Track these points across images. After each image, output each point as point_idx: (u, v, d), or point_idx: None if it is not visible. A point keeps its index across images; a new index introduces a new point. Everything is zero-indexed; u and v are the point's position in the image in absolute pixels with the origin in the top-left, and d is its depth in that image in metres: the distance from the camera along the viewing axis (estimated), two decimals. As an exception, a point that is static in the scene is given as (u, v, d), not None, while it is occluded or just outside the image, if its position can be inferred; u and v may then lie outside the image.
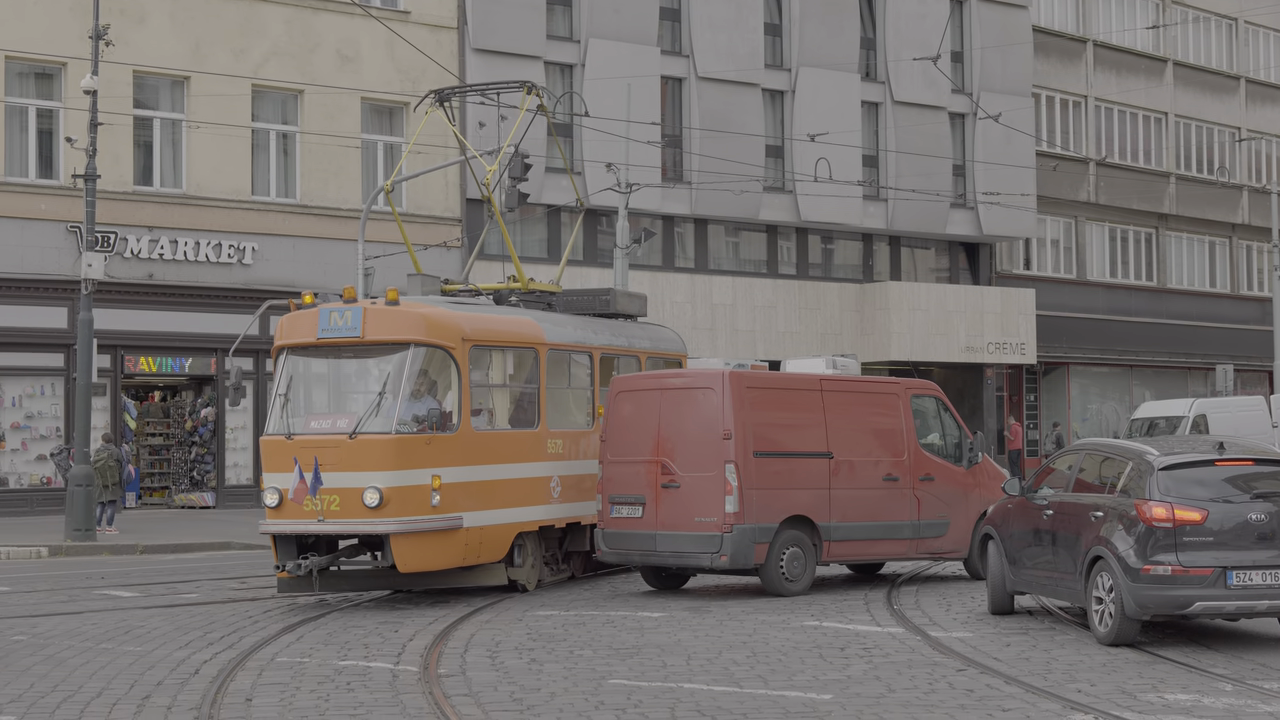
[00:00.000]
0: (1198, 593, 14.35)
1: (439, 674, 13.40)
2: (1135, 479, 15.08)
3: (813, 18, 43.79)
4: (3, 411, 32.47)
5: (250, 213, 35.03)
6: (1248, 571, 14.35)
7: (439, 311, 18.63)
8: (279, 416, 18.31)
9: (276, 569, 18.24)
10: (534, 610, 17.84)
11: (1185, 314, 54.94)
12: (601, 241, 40.49)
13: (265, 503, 18.17)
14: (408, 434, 17.73)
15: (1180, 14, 55.26)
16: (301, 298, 18.84)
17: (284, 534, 18.00)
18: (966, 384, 48.06)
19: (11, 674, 13.51)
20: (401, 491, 17.54)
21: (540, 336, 19.87)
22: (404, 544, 17.59)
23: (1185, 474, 14.90)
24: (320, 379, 18.92)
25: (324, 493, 17.48)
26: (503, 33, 38.15)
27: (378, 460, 17.55)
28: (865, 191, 44.63)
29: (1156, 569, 14.40)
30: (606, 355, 21.34)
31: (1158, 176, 54.12)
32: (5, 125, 32.49)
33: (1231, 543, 14.52)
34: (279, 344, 18.66)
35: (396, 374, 17.99)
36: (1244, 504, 14.72)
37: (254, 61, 35.21)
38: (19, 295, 32.17)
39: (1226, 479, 14.99)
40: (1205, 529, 14.48)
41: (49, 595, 19.77)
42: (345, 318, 18.11)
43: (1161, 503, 14.56)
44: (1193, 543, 14.43)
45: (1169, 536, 14.44)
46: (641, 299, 23.68)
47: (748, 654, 14.39)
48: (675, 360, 22.95)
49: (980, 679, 13.05)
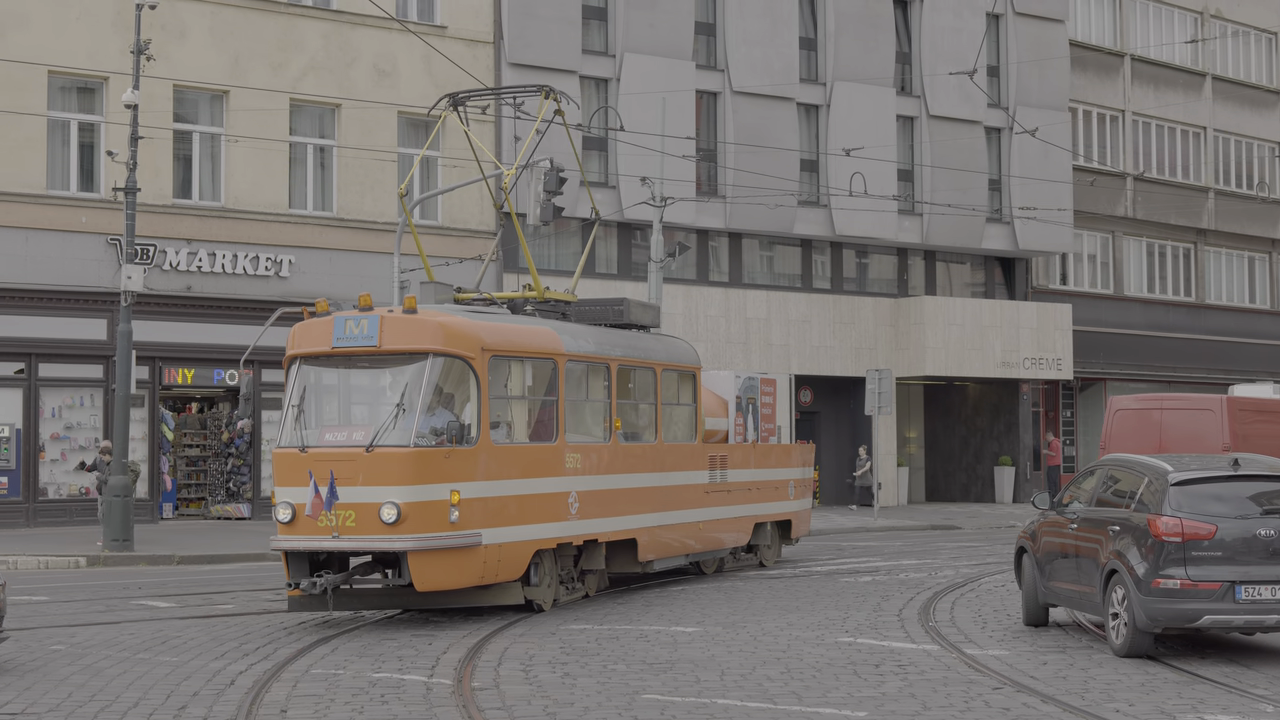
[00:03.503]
0: (1206, 606, 14.61)
1: (473, 687, 13.39)
2: (1151, 494, 15.37)
3: (848, 32, 43.74)
4: (43, 422, 32.63)
5: (288, 226, 35.15)
6: (1256, 586, 14.61)
7: (458, 320, 17.87)
8: (292, 428, 17.63)
9: (288, 587, 17.60)
10: (567, 624, 17.81)
11: (1224, 330, 54.60)
12: (636, 255, 40.50)
13: (277, 518, 17.45)
14: (426, 447, 17.01)
15: (1219, 28, 54.98)
16: (315, 305, 18.20)
17: (297, 550, 17.36)
18: (1002, 400, 47.90)
19: (50, 683, 13.57)
20: (420, 507, 16.89)
21: (559, 347, 19.21)
22: (422, 562, 16.95)
23: (1198, 489, 15.17)
24: (335, 390, 18.22)
25: (339, 508, 16.82)
26: (538, 47, 38.22)
27: (396, 475, 16.88)
28: (900, 206, 44.53)
29: (1166, 582, 14.70)
30: (624, 367, 20.79)
31: (1196, 191, 53.84)
32: (47, 139, 32.67)
33: (1240, 558, 14.76)
34: (291, 353, 17.99)
35: (414, 385, 17.30)
36: (1254, 520, 14.94)
37: (292, 76, 35.36)
38: (60, 307, 32.35)
39: (1239, 495, 15.23)
40: (1214, 544, 14.75)
41: (87, 605, 19.84)
42: (361, 326, 17.44)
43: (1172, 517, 14.83)
44: (1202, 557, 14.72)
45: (1179, 551, 14.73)
46: (655, 309, 23.19)
47: (782, 670, 14.34)
48: (689, 373, 22.64)
49: (1017, 697, 12.97)
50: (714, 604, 19.92)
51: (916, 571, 24.54)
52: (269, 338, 25.03)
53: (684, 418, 22.61)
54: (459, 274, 31.62)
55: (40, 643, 16.04)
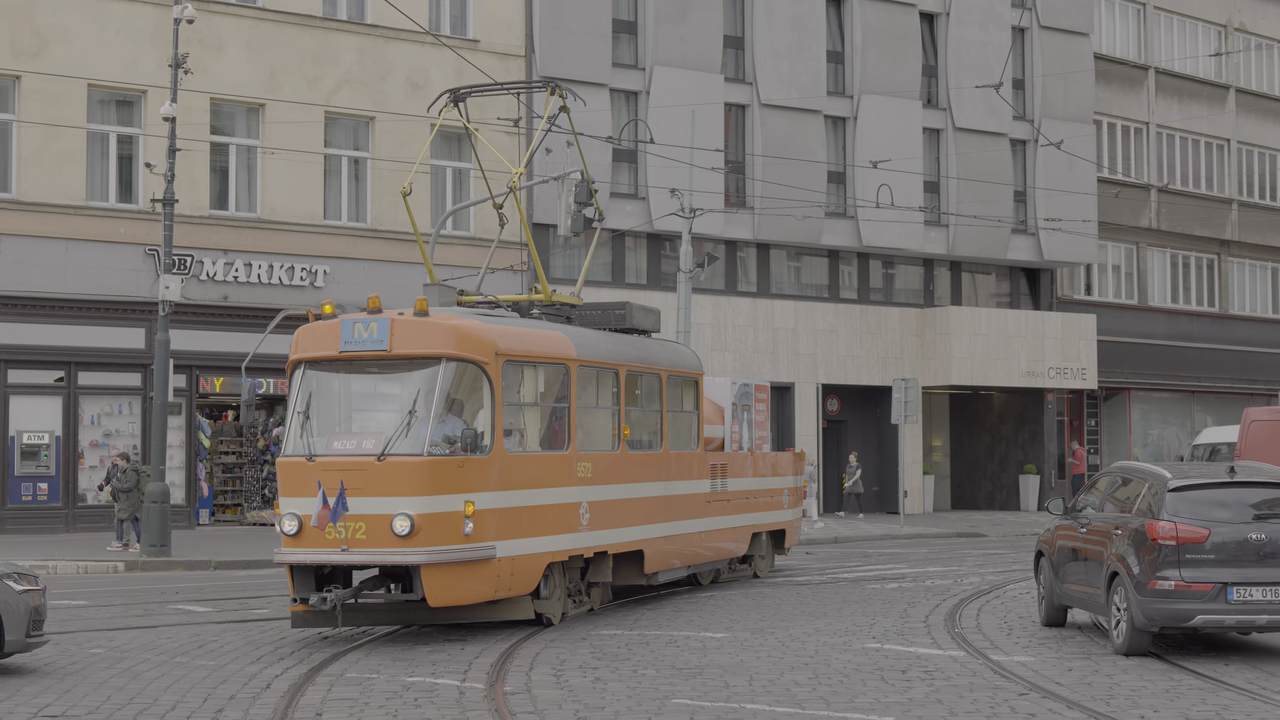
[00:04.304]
0: (1199, 606, 15.09)
1: (505, 691, 13.40)
2: (1151, 499, 15.85)
3: (875, 46, 43.72)
4: (82, 429, 32.79)
5: (322, 236, 35.27)
6: (1248, 588, 15.06)
7: (471, 324, 16.81)
8: (298, 436, 16.47)
9: (294, 601, 16.48)
10: (598, 629, 17.81)
11: (1248, 340, 54.34)
12: (665, 266, 40.52)
13: (282, 529, 16.20)
14: (440, 456, 15.98)
15: (1243, 41, 54.79)
16: (320, 308, 17.19)
17: (304, 564, 16.22)
18: (1027, 408, 47.77)
19: (89, 686, 13.63)
20: (433, 519, 15.83)
21: (571, 352, 18.21)
22: (435, 576, 15.88)
23: (1195, 495, 15.62)
24: (343, 396, 17.03)
25: (349, 519, 15.74)
26: (569, 60, 38.28)
27: (408, 485, 15.81)
28: (926, 217, 44.46)
29: (1161, 584, 15.16)
30: (632, 373, 19.85)
31: (1220, 203, 53.63)
32: (87, 151, 32.87)
33: (1233, 560, 15.22)
34: (296, 358, 16.85)
35: (427, 391, 16.23)
36: (1246, 524, 15.38)
37: (327, 89, 35.49)
38: (99, 316, 32.52)
39: (1234, 501, 15.65)
40: (1208, 547, 15.22)
41: (125, 609, 19.92)
42: (370, 329, 16.36)
43: (1168, 522, 15.29)
44: (1196, 560, 15.18)
45: (1174, 553, 15.19)
46: (655, 314, 22.20)
47: (810, 675, 14.32)
48: (692, 379, 21.91)
49: (1042, 703, 12.93)
50: (742, 610, 19.90)
51: (942, 579, 24.48)
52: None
53: (687, 425, 21.84)
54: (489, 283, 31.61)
55: (80, 646, 16.12)
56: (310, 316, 17.12)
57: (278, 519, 16.41)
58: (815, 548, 32.62)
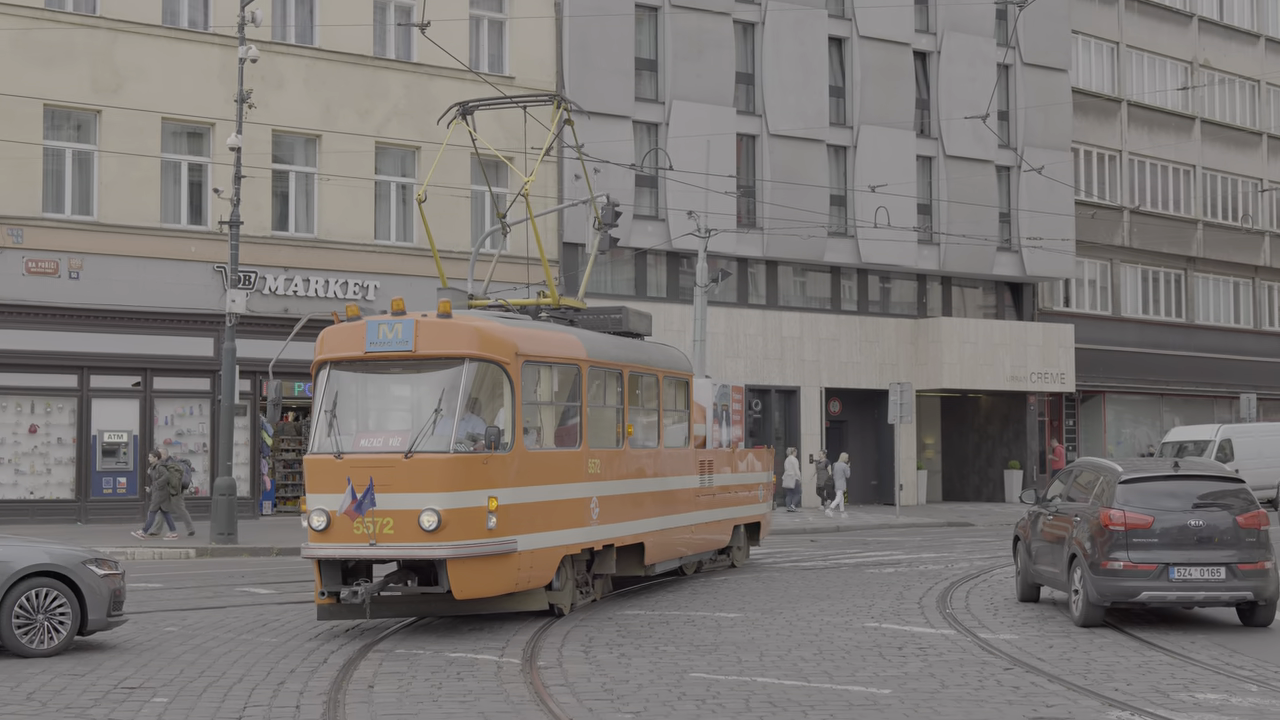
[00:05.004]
0: (1144, 584, 15.69)
1: (538, 666, 13.41)
2: (1105, 490, 16.40)
3: (872, 81, 43.67)
4: (157, 429, 32.86)
5: (373, 254, 35.33)
6: (1187, 568, 15.66)
7: (493, 325, 16.05)
8: (324, 434, 15.53)
9: (321, 595, 15.70)
10: (623, 610, 17.80)
11: (1212, 347, 54.13)
12: (683, 281, 40.50)
13: (311, 525, 15.36)
14: (465, 453, 15.12)
15: (1207, 76, 54.60)
16: (346, 310, 16.36)
17: (332, 558, 15.39)
18: (1011, 410, 47.63)
19: (164, 660, 13.68)
20: (459, 514, 14.98)
21: (582, 353, 17.50)
22: (461, 569, 15.06)
23: (1143, 486, 16.17)
24: (368, 395, 16.17)
25: (376, 515, 14.85)
26: (595, 95, 38.26)
27: (435, 481, 14.95)
28: (919, 236, 44.38)
29: (1112, 564, 15.77)
30: (634, 373, 19.10)
31: (1186, 223, 53.44)
32: (161, 178, 32.96)
33: (1174, 544, 15.78)
34: (321, 358, 16.04)
35: (452, 390, 15.40)
36: (1187, 512, 15.92)
37: (377, 121, 35.56)
38: (172, 327, 32.62)
39: (1176, 492, 16.18)
40: (1152, 532, 15.78)
41: (196, 591, 19.99)
42: (395, 331, 15.51)
43: (1117, 510, 15.89)
44: (1142, 543, 15.76)
45: (1123, 538, 15.78)
46: (648, 318, 21.46)
47: (815, 652, 14.31)
48: (684, 380, 21.22)
49: (1026, 677, 12.91)
50: (753, 593, 19.90)
51: (934, 564, 24.44)
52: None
53: (679, 424, 21.18)
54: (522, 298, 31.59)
55: (155, 625, 16.18)
56: (335, 319, 16.39)
57: (305, 515, 15.57)
58: (820, 535, 32.58)
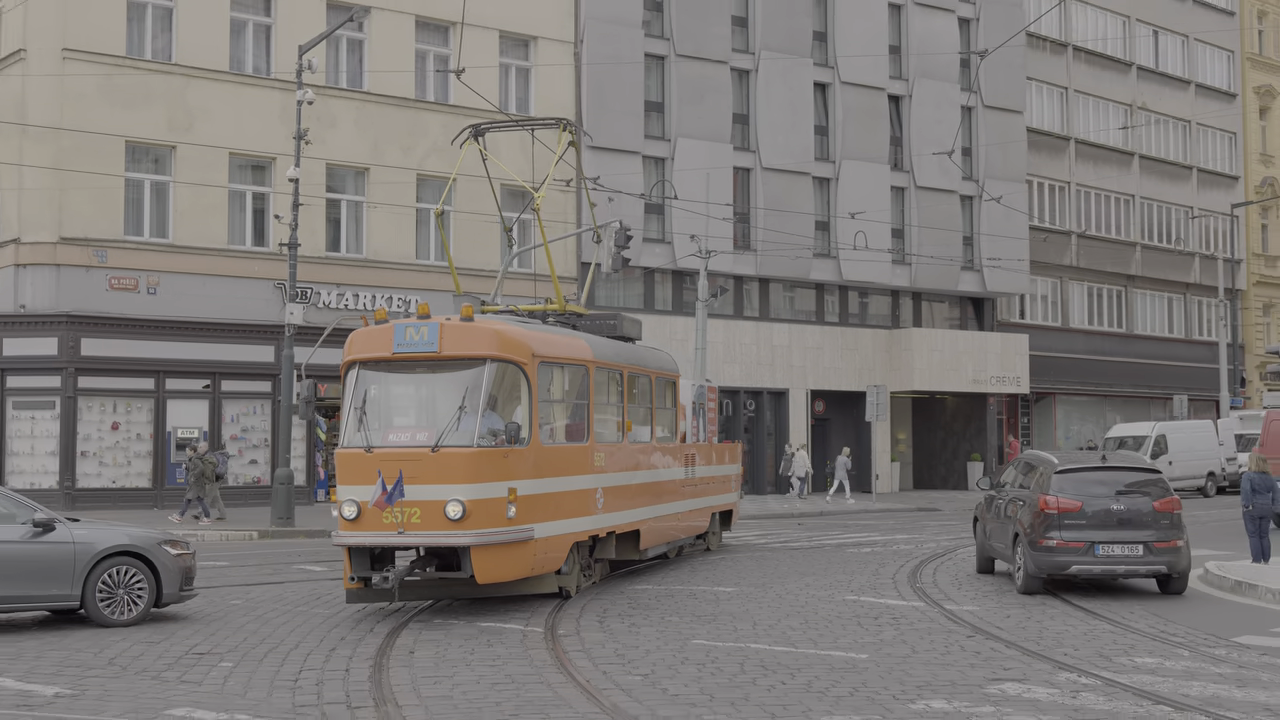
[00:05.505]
0: (1074, 559, 16.21)
1: (559, 634, 13.36)
2: (1044, 479, 16.84)
3: (852, 121, 43.61)
4: (224, 426, 32.87)
5: (415, 273, 35.31)
6: (1110, 545, 16.19)
7: (512, 328, 15.40)
8: (355, 430, 14.73)
9: (350, 580, 14.88)
10: (634, 585, 17.75)
11: (1148, 354, 54.04)
12: (686, 296, 40.45)
13: (342, 514, 14.51)
14: (487, 448, 14.41)
15: (1145, 117, 54.50)
16: (374, 314, 15.43)
17: (363, 546, 14.53)
18: (973, 409, 47.51)
19: (230, 629, 13.66)
20: (482, 504, 14.29)
21: (589, 355, 16.94)
22: (483, 555, 14.39)
23: (1075, 476, 16.65)
24: (396, 393, 15.36)
25: (404, 505, 14.18)
26: (610, 133, 38.28)
27: (460, 473, 14.24)
28: (893, 257, 44.31)
29: (1047, 541, 16.31)
30: (632, 374, 18.55)
31: (1126, 246, 53.32)
32: (228, 206, 32.98)
33: (1100, 525, 16.28)
34: (350, 359, 15.14)
35: (474, 389, 14.68)
36: (1111, 498, 16.42)
37: (418, 156, 35.55)
38: (237, 336, 32.63)
39: (1104, 480, 16.63)
40: (1081, 515, 16.30)
41: (258, 569, 19.95)
42: (422, 333, 14.84)
43: (1052, 496, 16.40)
44: (1072, 524, 16.27)
45: (1056, 519, 16.31)
46: (638, 324, 20.68)
47: (801, 621, 14.25)
48: (672, 380, 20.66)
49: (986, 643, 12.85)
50: (747, 570, 19.85)
51: (906, 544, 24.35)
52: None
53: (668, 420, 20.69)
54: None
55: (222, 598, 16.17)
56: (364, 321, 15.73)
57: (336, 505, 14.75)
58: (806, 519, 32.49)
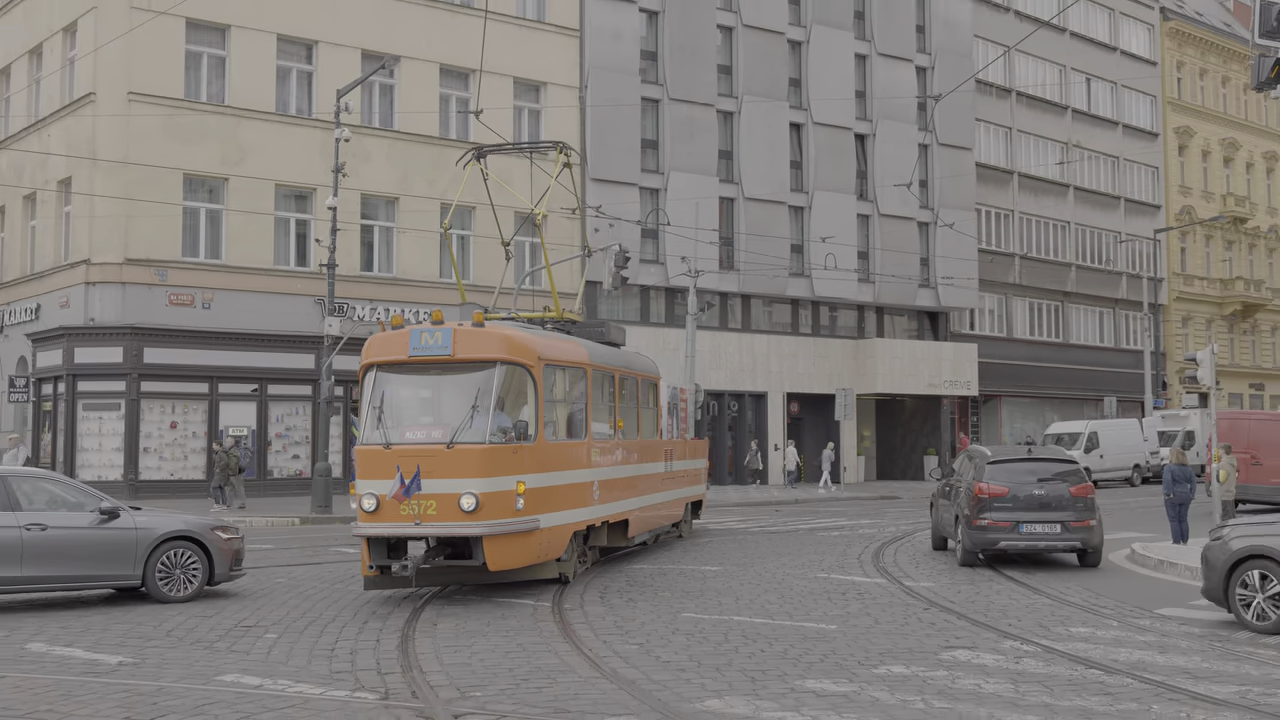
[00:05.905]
0: (1002, 536, 16.86)
1: (565, 608, 13.35)
2: (978, 469, 17.43)
3: (824, 157, 43.67)
4: (270, 425, 32.82)
5: (439, 289, 35.27)
6: (1033, 524, 16.81)
7: (519, 334, 14.87)
8: (373, 428, 14.02)
9: (369, 568, 14.16)
10: (632, 564, 17.72)
11: (1082, 361, 54.08)
12: (677, 310, 40.46)
13: (362, 507, 13.80)
14: (498, 444, 13.84)
15: (1079, 154, 54.62)
16: (391, 320, 15.04)
17: (382, 536, 13.85)
18: (929, 410, 47.53)
19: (274, 605, 13.62)
20: (493, 497, 13.70)
21: (587, 358, 16.48)
22: (494, 545, 13.78)
23: (1005, 466, 17.26)
24: (412, 393, 14.79)
25: (421, 498, 13.55)
26: (610, 166, 38.32)
27: (473, 468, 13.64)
28: (859, 276, 44.34)
29: (980, 521, 16.96)
30: (622, 376, 18.10)
31: (1063, 266, 53.39)
32: (274, 231, 32.97)
33: (1024, 507, 16.91)
34: (368, 361, 14.52)
35: (486, 389, 14.13)
36: (1034, 485, 17.02)
37: (442, 187, 35.52)
38: (282, 347, 32.59)
39: (1028, 469, 17.22)
40: (1008, 499, 16.91)
41: (300, 551, 19.89)
42: (436, 338, 14.31)
43: (984, 483, 17.03)
44: (1001, 507, 16.92)
45: (988, 503, 16.94)
46: (623, 330, 20.01)
47: (778, 596, 14.24)
48: (654, 382, 20.16)
49: (940, 615, 12.84)
50: (729, 551, 19.82)
51: (870, 529, 24.33)
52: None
53: (651, 419, 20.16)
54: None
55: (268, 577, 16.13)
56: (382, 327, 15.20)
57: (356, 499, 14.04)
58: (782, 506, 32.45)
